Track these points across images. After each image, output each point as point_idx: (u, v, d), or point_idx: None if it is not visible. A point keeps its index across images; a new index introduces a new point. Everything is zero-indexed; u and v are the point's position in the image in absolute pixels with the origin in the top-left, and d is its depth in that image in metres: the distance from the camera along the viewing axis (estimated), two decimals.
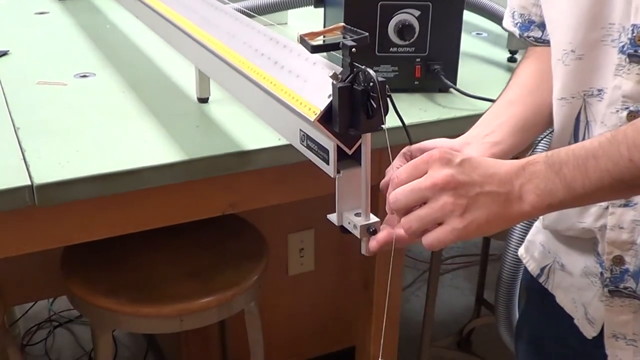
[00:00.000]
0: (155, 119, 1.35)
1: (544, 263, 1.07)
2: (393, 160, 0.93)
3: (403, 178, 0.79)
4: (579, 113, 0.92)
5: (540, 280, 1.08)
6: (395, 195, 0.79)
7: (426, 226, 0.78)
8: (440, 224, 0.78)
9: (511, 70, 1.68)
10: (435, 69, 1.47)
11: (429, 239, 0.79)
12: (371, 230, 0.86)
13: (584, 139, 0.92)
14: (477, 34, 1.94)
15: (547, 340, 1.13)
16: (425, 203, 0.78)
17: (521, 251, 1.14)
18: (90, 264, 1.47)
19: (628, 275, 0.93)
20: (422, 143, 0.95)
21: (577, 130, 0.93)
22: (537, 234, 1.10)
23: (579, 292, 1.01)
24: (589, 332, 1.00)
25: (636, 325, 0.95)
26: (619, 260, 0.92)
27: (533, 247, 1.11)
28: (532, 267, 1.10)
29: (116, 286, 1.41)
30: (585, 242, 0.97)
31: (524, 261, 1.13)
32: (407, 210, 0.79)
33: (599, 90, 0.89)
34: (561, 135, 0.95)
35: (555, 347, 1.10)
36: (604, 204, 0.91)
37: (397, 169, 0.83)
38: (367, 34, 0.83)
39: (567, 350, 1.07)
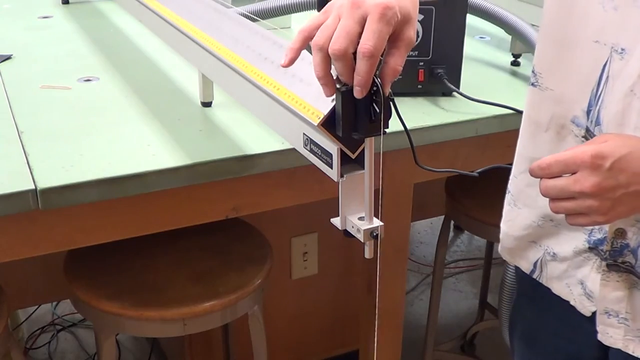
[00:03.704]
0: (159, 123, 1.35)
1: (535, 257, 1.08)
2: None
3: (554, 172, 0.86)
4: (605, 64, 0.91)
5: (534, 275, 1.09)
6: (546, 188, 0.87)
7: (570, 213, 0.87)
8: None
9: (514, 74, 1.68)
10: (438, 73, 1.47)
11: (572, 222, 0.88)
12: (374, 234, 0.86)
13: (603, 92, 0.92)
14: (481, 37, 1.94)
15: (539, 331, 1.14)
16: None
17: (506, 256, 1.15)
18: (93, 268, 1.47)
19: (628, 251, 0.94)
20: None
21: (600, 80, 0.93)
22: (523, 231, 1.10)
23: (574, 272, 1.02)
24: (588, 308, 1.01)
25: (630, 303, 0.96)
26: (620, 234, 0.94)
27: (519, 247, 1.11)
28: (525, 265, 1.11)
29: (119, 290, 1.41)
30: (566, 227, 1.00)
31: (515, 263, 1.14)
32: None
33: (622, 49, 0.89)
34: (586, 80, 0.94)
35: (547, 338, 1.11)
36: None
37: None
38: None
39: (559, 339, 1.08)
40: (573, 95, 0.95)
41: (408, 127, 1.08)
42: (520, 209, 1.08)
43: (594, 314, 1.00)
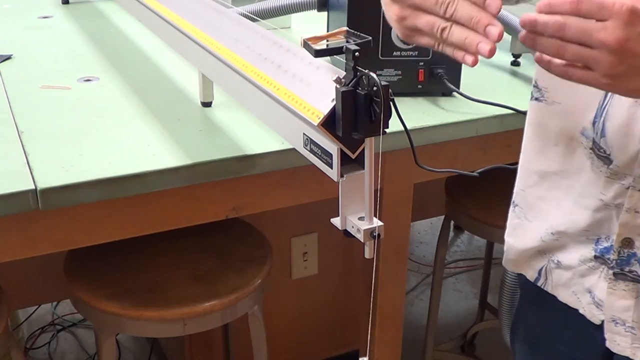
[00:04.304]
0: (159, 123, 1.35)
1: (540, 265, 1.08)
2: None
3: (582, 9, 0.74)
4: None
5: (539, 283, 1.08)
6: (565, 24, 0.75)
7: (575, 62, 0.77)
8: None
9: (514, 74, 1.68)
10: (438, 73, 1.47)
11: (570, 73, 0.78)
12: (374, 234, 0.86)
13: (609, 103, 0.90)
14: None
15: (542, 337, 1.13)
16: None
17: (510, 267, 1.14)
18: (93, 268, 1.47)
19: (635, 260, 0.94)
20: None
21: (605, 97, 0.91)
22: (531, 243, 1.09)
23: (580, 281, 1.01)
24: (598, 317, 1.00)
25: (637, 312, 0.96)
26: (627, 243, 0.93)
27: (524, 257, 1.11)
28: (530, 273, 1.10)
29: (120, 290, 1.41)
30: (579, 236, 0.99)
31: (518, 272, 1.13)
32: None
33: None
34: (594, 91, 0.88)
35: (550, 344, 1.11)
36: (625, 183, 0.91)
37: None
38: (370, 38, 0.83)
39: (563, 346, 1.08)
40: (582, 108, 0.95)
41: (408, 127, 1.08)
42: (532, 222, 1.07)
43: (602, 321, 1.00)
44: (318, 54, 0.85)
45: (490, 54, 0.80)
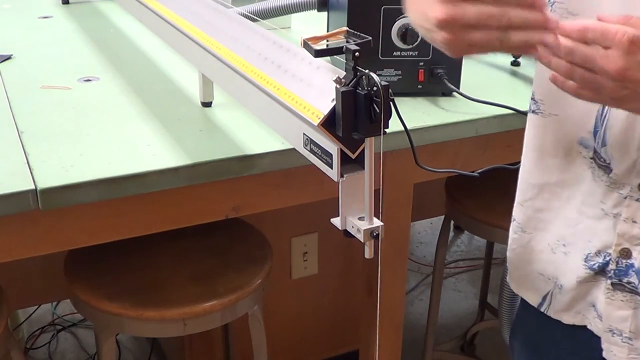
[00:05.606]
0: (159, 123, 1.35)
1: (546, 291, 1.07)
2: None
3: (587, 37, 0.77)
4: None
5: (542, 308, 1.08)
6: (572, 49, 0.78)
7: (582, 85, 0.80)
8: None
9: (514, 74, 1.68)
10: (438, 73, 1.47)
11: (578, 92, 0.81)
12: (374, 234, 0.86)
13: (608, 112, 0.91)
14: None
15: (542, 343, 1.13)
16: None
17: (514, 287, 1.14)
18: (93, 268, 1.47)
19: (632, 271, 0.94)
20: None
21: (603, 106, 0.92)
22: (530, 264, 1.09)
23: (583, 298, 1.01)
24: (601, 328, 1.00)
25: (634, 323, 0.96)
26: (625, 253, 0.93)
27: (529, 279, 1.10)
28: (533, 298, 1.10)
29: (120, 290, 1.41)
30: (583, 249, 0.99)
31: (522, 295, 1.12)
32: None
33: None
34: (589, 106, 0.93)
35: (550, 350, 1.11)
36: (624, 192, 0.91)
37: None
38: (370, 38, 0.83)
39: (562, 353, 1.08)
40: (578, 119, 0.95)
41: (408, 127, 1.08)
42: (531, 233, 1.07)
43: None
44: (318, 54, 0.86)
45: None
